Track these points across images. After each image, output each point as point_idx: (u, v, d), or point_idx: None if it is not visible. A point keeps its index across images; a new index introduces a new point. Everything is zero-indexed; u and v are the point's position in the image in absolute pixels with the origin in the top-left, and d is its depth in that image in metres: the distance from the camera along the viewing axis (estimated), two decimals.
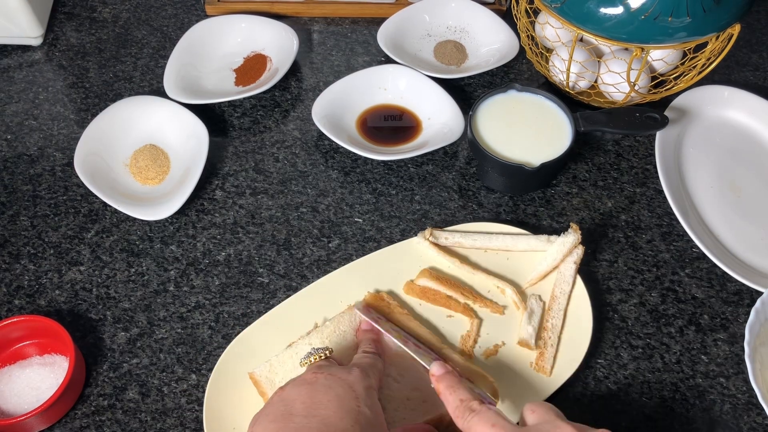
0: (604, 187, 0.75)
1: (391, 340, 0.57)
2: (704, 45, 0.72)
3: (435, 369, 0.51)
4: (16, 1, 0.79)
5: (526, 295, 0.64)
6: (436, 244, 0.66)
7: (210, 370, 0.59)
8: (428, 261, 0.66)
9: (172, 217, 0.69)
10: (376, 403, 0.48)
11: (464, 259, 0.66)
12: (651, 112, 0.72)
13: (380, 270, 0.65)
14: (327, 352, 0.53)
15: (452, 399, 0.48)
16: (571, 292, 0.63)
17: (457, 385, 0.49)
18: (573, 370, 0.59)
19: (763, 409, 0.56)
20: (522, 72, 0.86)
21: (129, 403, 0.58)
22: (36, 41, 0.85)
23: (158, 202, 0.69)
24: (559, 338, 0.61)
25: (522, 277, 0.65)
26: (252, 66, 0.83)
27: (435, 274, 0.64)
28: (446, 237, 0.66)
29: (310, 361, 0.52)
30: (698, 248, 0.68)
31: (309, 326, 0.61)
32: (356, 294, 0.63)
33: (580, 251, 0.64)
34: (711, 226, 0.72)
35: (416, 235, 0.66)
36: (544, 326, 0.61)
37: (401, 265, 0.65)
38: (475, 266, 0.65)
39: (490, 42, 0.87)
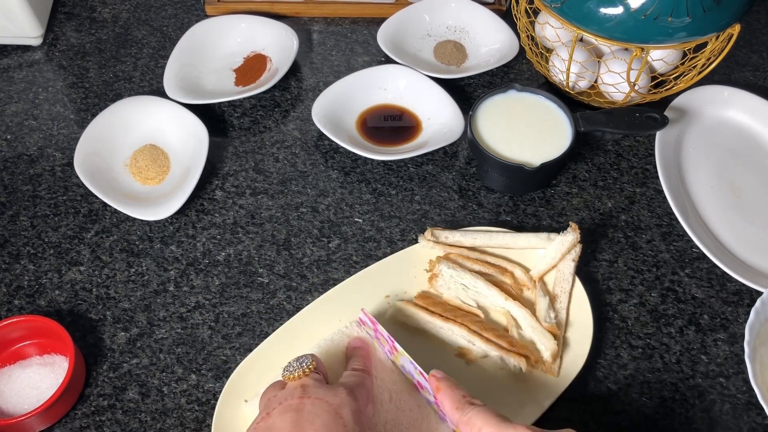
0: (604, 187, 0.75)
1: (390, 347, 0.55)
2: (704, 45, 0.72)
3: (436, 372, 0.51)
4: (16, 1, 0.79)
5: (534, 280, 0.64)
6: (439, 243, 0.66)
7: (210, 369, 0.59)
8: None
9: (172, 217, 0.69)
10: (363, 427, 0.47)
11: (470, 249, 0.66)
12: (651, 112, 0.72)
13: (393, 279, 0.64)
14: (309, 366, 0.50)
15: (453, 394, 0.48)
16: (571, 290, 0.63)
17: (458, 386, 0.49)
18: (577, 370, 0.59)
19: (763, 409, 0.56)
20: (522, 72, 0.86)
21: (129, 403, 0.58)
22: (36, 41, 0.85)
23: (158, 202, 0.69)
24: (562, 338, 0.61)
25: None
26: (252, 66, 0.83)
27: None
28: (446, 236, 0.66)
29: (294, 376, 0.49)
30: (698, 248, 0.68)
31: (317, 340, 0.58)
32: (365, 303, 0.61)
33: (578, 249, 0.64)
34: (711, 226, 0.72)
35: (417, 241, 0.66)
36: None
37: (411, 272, 0.65)
38: (483, 251, 0.66)
39: (490, 42, 0.87)
